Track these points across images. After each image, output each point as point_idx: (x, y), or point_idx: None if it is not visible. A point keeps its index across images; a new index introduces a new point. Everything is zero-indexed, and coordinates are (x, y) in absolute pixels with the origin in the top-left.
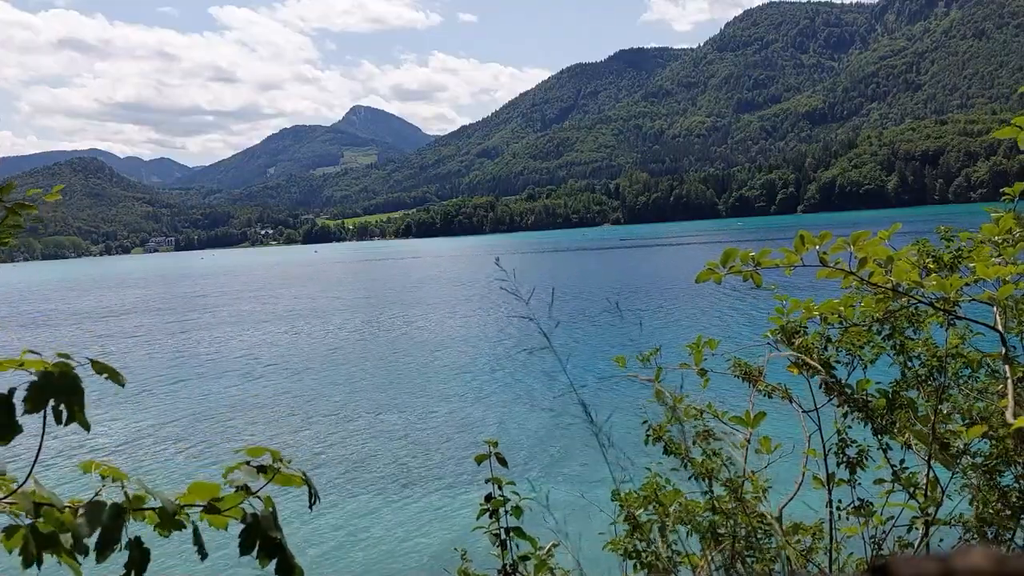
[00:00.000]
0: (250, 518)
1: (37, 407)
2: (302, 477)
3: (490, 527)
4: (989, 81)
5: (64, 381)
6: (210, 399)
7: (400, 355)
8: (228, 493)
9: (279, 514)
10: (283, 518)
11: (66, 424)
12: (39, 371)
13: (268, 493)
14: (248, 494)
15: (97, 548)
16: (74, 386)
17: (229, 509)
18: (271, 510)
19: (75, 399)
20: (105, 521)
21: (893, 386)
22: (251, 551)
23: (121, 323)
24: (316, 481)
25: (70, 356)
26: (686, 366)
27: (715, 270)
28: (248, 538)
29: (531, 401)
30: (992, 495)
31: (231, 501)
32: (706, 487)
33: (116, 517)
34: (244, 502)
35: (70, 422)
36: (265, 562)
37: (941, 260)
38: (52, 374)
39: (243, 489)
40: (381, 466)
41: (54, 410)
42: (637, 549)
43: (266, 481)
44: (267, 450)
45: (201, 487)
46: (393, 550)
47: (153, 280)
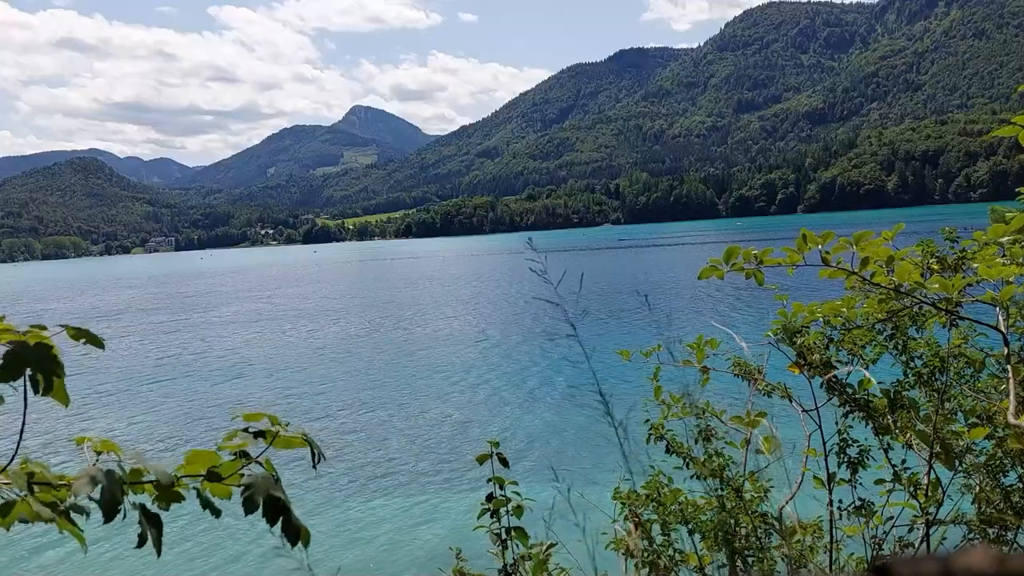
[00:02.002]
0: (250, 479)
1: (12, 376)
2: (303, 437)
3: (491, 527)
4: (989, 81)
5: (39, 350)
6: (209, 398)
7: (400, 354)
8: (228, 460)
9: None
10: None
11: (43, 394)
12: (13, 340)
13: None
14: (247, 460)
15: (100, 506)
16: (49, 355)
17: (230, 476)
18: (273, 474)
19: (51, 368)
20: (103, 482)
21: (895, 386)
22: (254, 510)
23: (120, 323)
24: (317, 480)
25: (45, 327)
26: (688, 363)
27: (718, 267)
28: (250, 498)
29: (532, 401)
30: (995, 495)
31: (230, 468)
32: (711, 487)
33: (114, 482)
34: (244, 468)
35: (47, 392)
36: (271, 523)
37: (945, 261)
38: (26, 343)
39: (242, 455)
40: (382, 465)
41: (31, 380)
42: (639, 548)
43: (266, 444)
44: (264, 415)
45: (199, 455)
46: (394, 549)
47: (152, 280)
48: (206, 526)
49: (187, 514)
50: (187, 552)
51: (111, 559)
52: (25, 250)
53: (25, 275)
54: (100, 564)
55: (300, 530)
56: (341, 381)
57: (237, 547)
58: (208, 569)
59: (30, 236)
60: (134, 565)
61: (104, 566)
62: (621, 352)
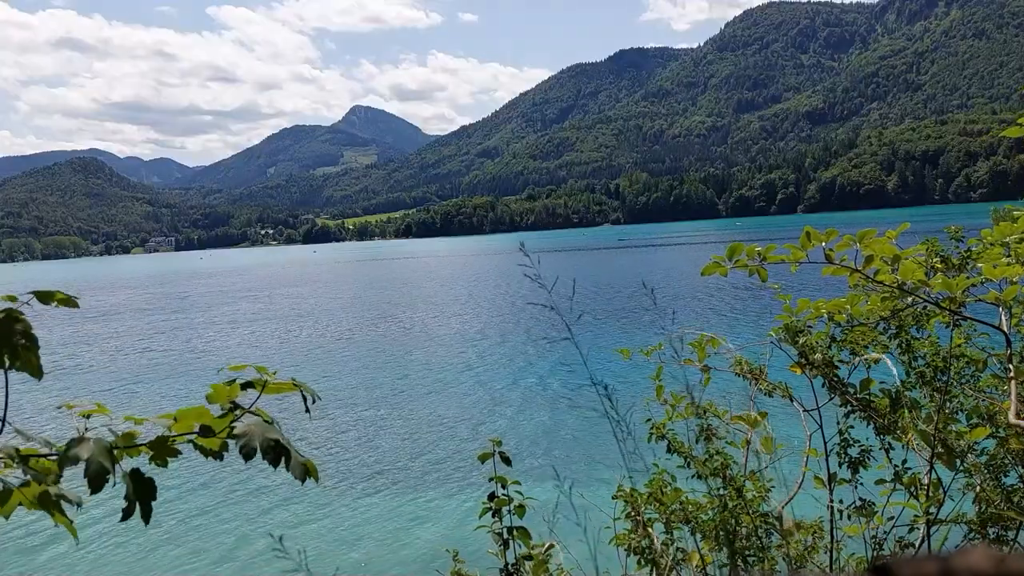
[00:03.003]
0: (243, 427)
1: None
2: (292, 383)
3: (493, 526)
4: (989, 81)
5: (5, 325)
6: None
7: (398, 355)
8: (219, 415)
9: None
10: (282, 514)
11: (10, 366)
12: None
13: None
14: (241, 411)
15: (86, 477)
16: (14, 328)
17: (222, 430)
18: (268, 420)
19: (15, 340)
20: (92, 450)
21: (897, 386)
22: (252, 456)
23: (118, 323)
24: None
25: (15, 298)
26: (689, 362)
27: (721, 263)
28: (246, 446)
29: (532, 401)
30: (996, 495)
31: (222, 422)
32: (713, 487)
33: (103, 448)
34: (237, 420)
35: (13, 364)
36: (274, 465)
37: (949, 261)
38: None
39: (233, 409)
40: (379, 465)
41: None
42: (641, 546)
43: (257, 394)
44: (248, 365)
45: (190, 412)
46: (392, 550)
47: (151, 280)
48: (202, 526)
49: (181, 513)
50: (183, 552)
51: (104, 556)
52: (25, 250)
53: (25, 275)
54: (93, 562)
55: (306, 466)
56: (339, 380)
57: (234, 547)
58: (204, 569)
59: (30, 236)
60: (128, 564)
61: (96, 564)
62: (622, 351)
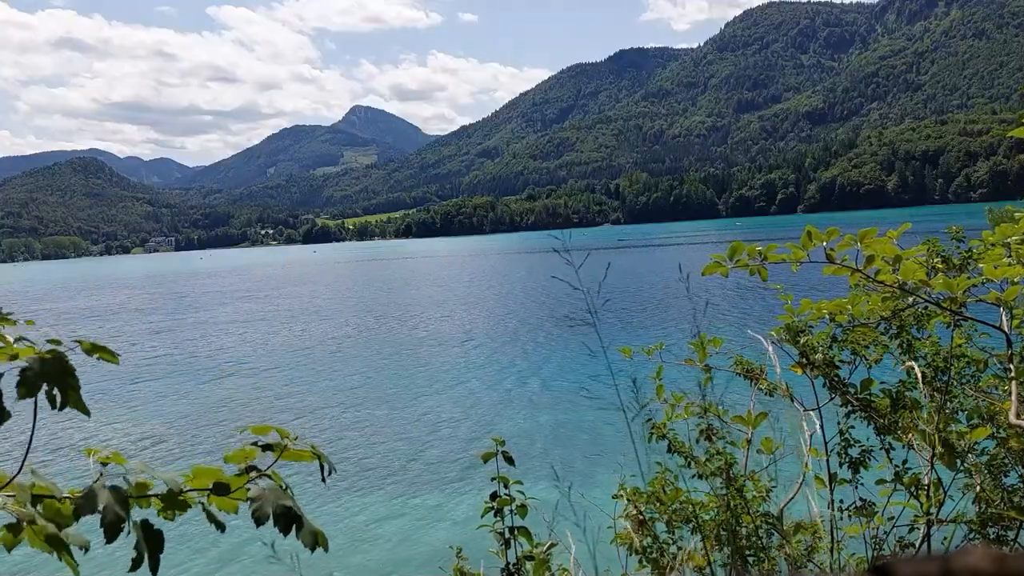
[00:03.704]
0: (256, 491)
1: (31, 392)
2: (311, 451)
3: (494, 526)
4: (989, 81)
5: (56, 365)
6: (205, 398)
7: (398, 355)
8: (234, 475)
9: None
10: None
11: (61, 408)
12: (30, 356)
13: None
14: (257, 473)
15: (103, 527)
16: (66, 369)
17: (236, 490)
18: (282, 485)
19: (68, 382)
20: (108, 500)
21: (898, 386)
22: (264, 522)
23: (115, 323)
24: (315, 479)
25: (60, 342)
26: (691, 362)
27: (722, 263)
28: (258, 510)
29: (533, 401)
30: (996, 495)
31: (237, 482)
32: (714, 486)
33: (119, 498)
34: (252, 482)
35: (64, 406)
36: (284, 532)
37: (950, 261)
38: (44, 359)
39: (249, 470)
40: (379, 464)
41: (48, 395)
42: (643, 545)
43: (275, 458)
44: (272, 428)
45: (203, 471)
46: (392, 550)
47: (150, 280)
48: (197, 534)
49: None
50: (177, 559)
51: (97, 563)
52: (25, 250)
53: (25, 275)
54: (90, 571)
55: (316, 535)
56: (338, 380)
57: (228, 553)
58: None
59: (30, 236)
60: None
61: (90, 571)
62: (622, 350)
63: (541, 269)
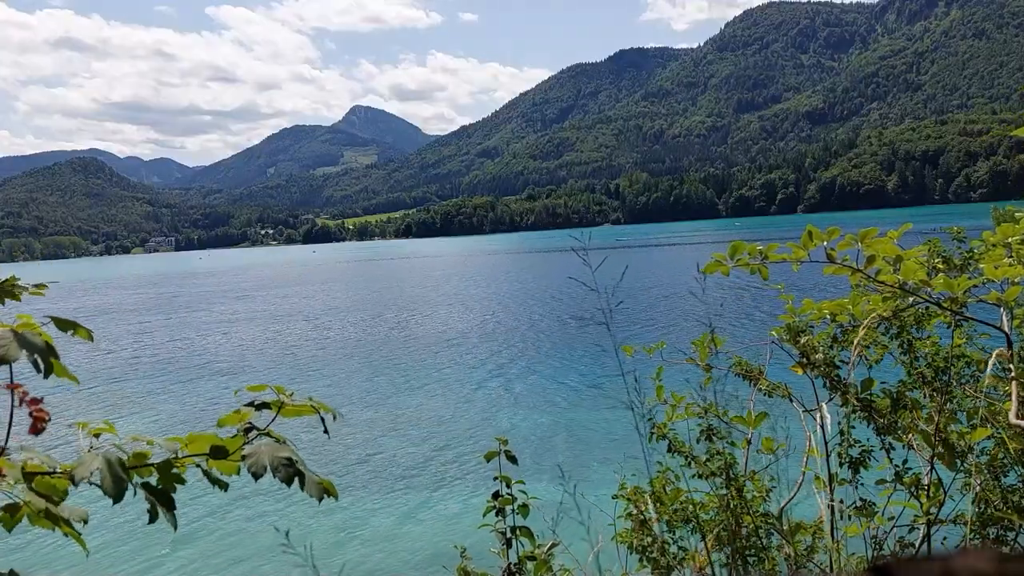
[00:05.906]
0: (252, 448)
1: (2, 360)
2: (310, 404)
3: (496, 526)
4: (989, 81)
5: (29, 338)
6: (205, 397)
7: (398, 355)
8: (230, 437)
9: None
10: (285, 517)
11: (46, 375)
12: (6, 330)
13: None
14: (256, 431)
15: (103, 488)
16: (39, 340)
17: (234, 451)
18: (278, 438)
19: (48, 352)
20: (102, 467)
21: (898, 386)
22: (262, 475)
23: (115, 324)
24: (321, 464)
25: (31, 317)
26: (692, 361)
27: (723, 262)
28: (255, 464)
29: (534, 401)
30: (995, 495)
31: (234, 444)
32: (715, 486)
33: (114, 466)
34: (249, 443)
35: (49, 373)
36: (287, 484)
37: (950, 261)
38: (16, 331)
39: (248, 431)
40: (382, 463)
41: (32, 361)
42: (643, 544)
43: (273, 415)
44: (268, 386)
45: (199, 437)
46: (397, 548)
47: (150, 281)
48: (210, 524)
49: (189, 512)
50: (191, 551)
51: (110, 555)
52: (25, 250)
53: (24, 275)
54: (99, 562)
55: (323, 485)
56: (339, 379)
57: (242, 545)
58: (213, 567)
59: (30, 236)
60: (139, 563)
61: (103, 563)
62: (624, 348)
63: (542, 269)
